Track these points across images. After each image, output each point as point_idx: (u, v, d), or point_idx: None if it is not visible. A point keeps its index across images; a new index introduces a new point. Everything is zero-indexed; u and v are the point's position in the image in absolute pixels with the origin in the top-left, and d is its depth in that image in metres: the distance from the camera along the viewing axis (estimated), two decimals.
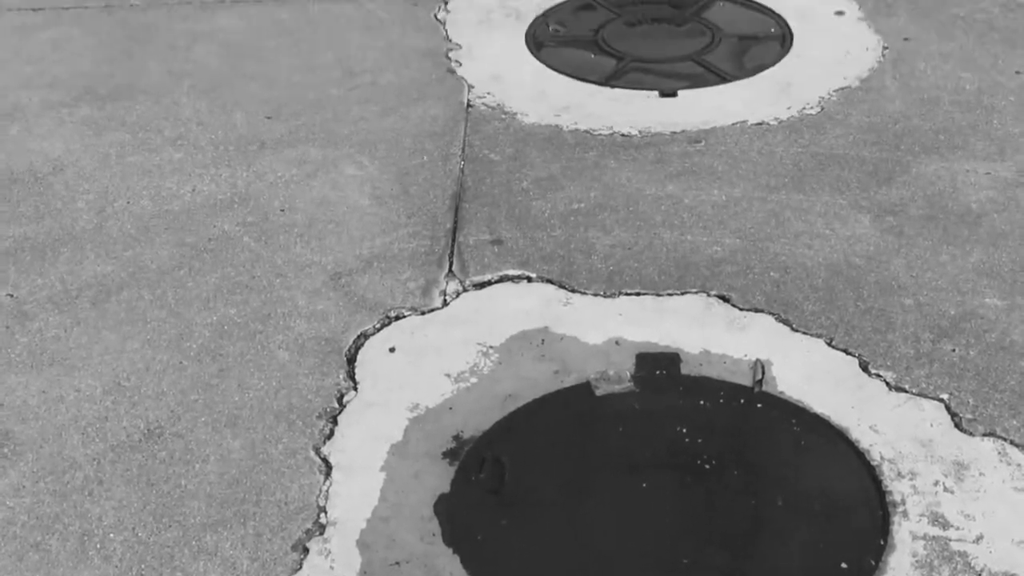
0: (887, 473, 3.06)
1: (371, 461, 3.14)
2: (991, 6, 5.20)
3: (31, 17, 5.41)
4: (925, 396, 3.29)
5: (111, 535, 2.99)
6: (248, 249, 3.93)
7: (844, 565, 2.85)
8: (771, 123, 4.49)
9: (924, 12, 5.17)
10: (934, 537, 2.90)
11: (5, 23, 5.38)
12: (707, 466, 3.09)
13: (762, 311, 3.59)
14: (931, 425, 3.20)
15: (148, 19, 5.35)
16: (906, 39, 4.99)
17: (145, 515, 3.03)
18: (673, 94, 4.67)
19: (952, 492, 3.01)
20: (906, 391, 3.31)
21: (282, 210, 4.11)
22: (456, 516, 2.99)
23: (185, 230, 4.03)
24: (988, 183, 4.13)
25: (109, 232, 4.04)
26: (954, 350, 3.43)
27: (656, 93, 4.69)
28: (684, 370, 3.39)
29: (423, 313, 3.63)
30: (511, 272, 3.79)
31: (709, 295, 3.66)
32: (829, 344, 3.47)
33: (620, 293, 3.68)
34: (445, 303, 3.67)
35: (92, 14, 5.41)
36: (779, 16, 5.17)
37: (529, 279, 3.75)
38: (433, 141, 4.44)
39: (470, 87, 4.76)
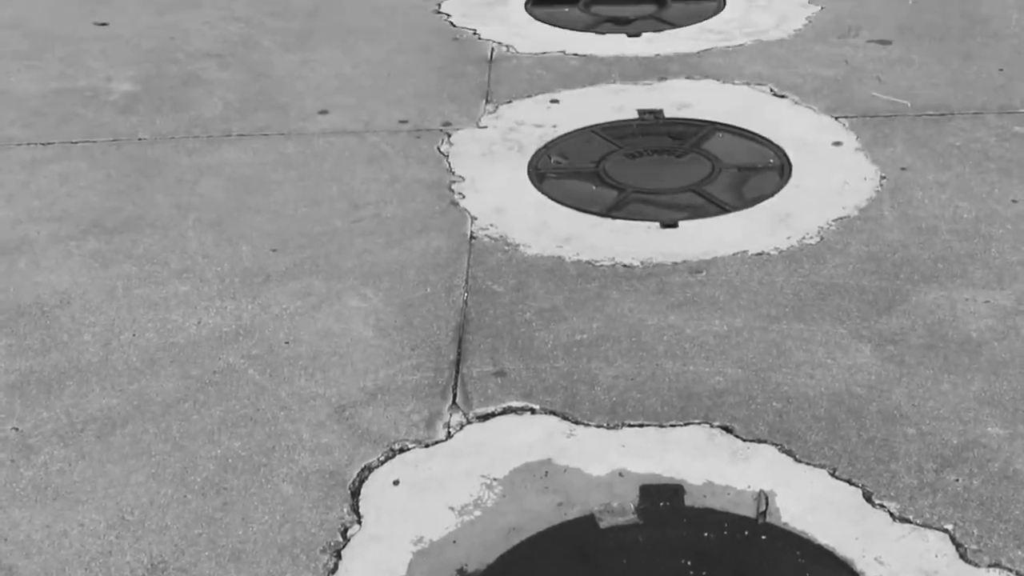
0: None
1: None
2: (986, 136, 5.28)
3: (40, 151, 5.49)
4: (929, 527, 3.29)
5: None
6: (253, 382, 3.95)
7: None
8: (771, 253, 4.53)
9: (921, 142, 5.25)
10: None
11: (14, 157, 5.46)
12: None
13: (765, 442, 3.60)
14: (936, 556, 3.19)
15: (156, 153, 5.43)
16: (903, 169, 5.05)
17: None
18: (674, 225, 4.73)
19: None
20: (910, 522, 3.30)
21: (287, 342, 4.14)
22: None
23: (190, 363, 4.06)
24: (987, 312, 4.16)
25: (114, 365, 4.07)
26: (957, 480, 3.44)
27: (657, 224, 4.74)
28: (688, 502, 3.39)
29: (427, 446, 3.64)
30: (514, 404, 3.81)
31: (712, 426, 3.68)
32: (832, 475, 3.47)
33: (623, 424, 3.70)
34: (449, 435, 3.69)
35: (101, 148, 5.49)
36: (777, 147, 5.24)
37: (532, 411, 3.77)
38: (436, 273, 4.48)
39: (473, 219, 4.82)
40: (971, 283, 4.32)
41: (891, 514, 3.33)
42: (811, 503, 3.37)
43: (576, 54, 6.11)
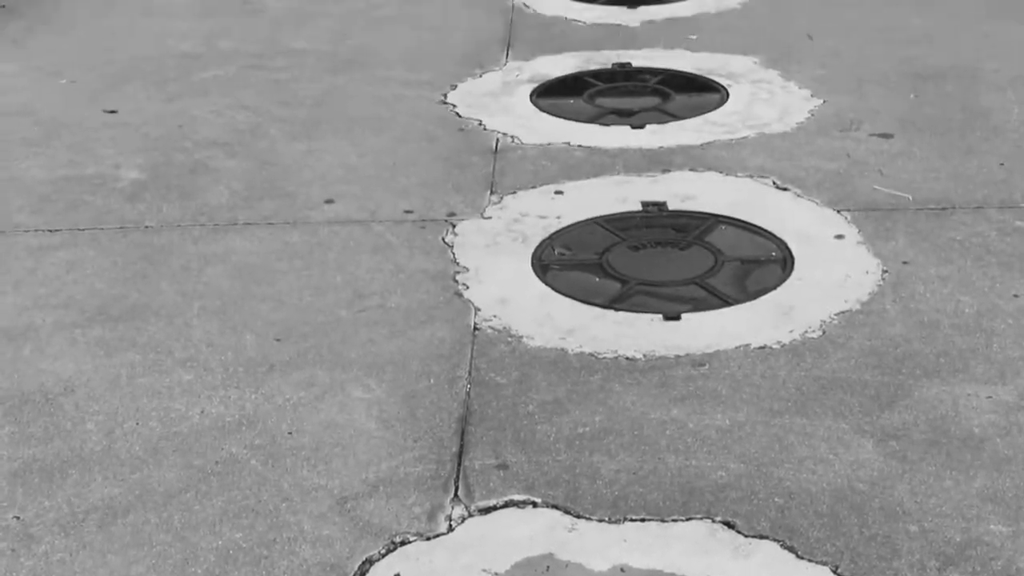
0: None
1: None
2: (988, 230, 5.31)
3: (48, 238, 5.53)
4: None
5: None
6: (255, 472, 3.95)
7: None
8: (774, 347, 4.55)
9: (922, 235, 5.28)
10: None
11: (22, 243, 5.50)
12: None
13: (767, 538, 3.60)
14: None
15: (162, 241, 5.46)
16: (905, 262, 5.08)
17: None
18: (677, 317, 4.75)
19: None
20: None
21: (289, 433, 4.14)
22: None
23: (193, 452, 4.06)
24: (990, 407, 4.17)
25: (117, 454, 4.07)
26: None
27: (660, 316, 4.76)
28: None
29: (428, 539, 3.64)
30: (516, 497, 3.80)
31: (714, 521, 3.67)
32: (835, 572, 3.46)
33: (625, 519, 3.69)
34: (450, 528, 3.68)
35: (108, 235, 5.53)
36: (780, 240, 5.27)
37: (534, 504, 3.77)
38: (440, 364, 4.50)
39: (477, 310, 4.84)
40: (973, 378, 4.33)
41: None
42: None
43: (581, 145, 6.17)
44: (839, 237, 5.29)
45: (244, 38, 7.76)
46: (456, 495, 3.82)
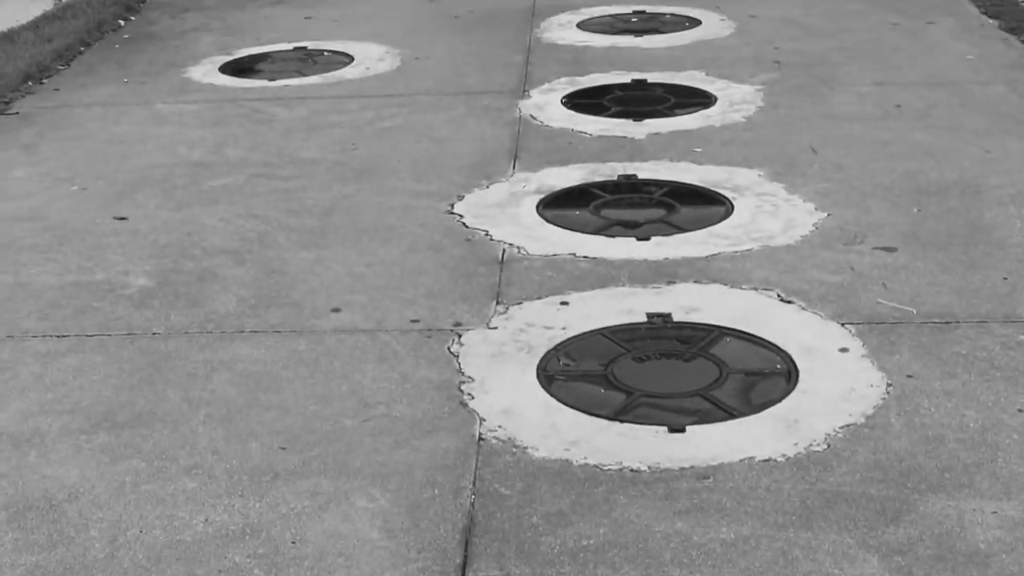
0: None
1: None
2: (991, 344, 5.33)
3: (55, 344, 5.56)
4: None
5: None
6: None
7: None
8: (778, 460, 4.55)
9: (926, 349, 5.29)
10: None
11: (30, 349, 5.52)
12: None
13: None
14: None
15: (169, 347, 5.49)
16: (909, 376, 5.09)
17: None
18: (681, 430, 4.76)
19: None
20: None
21: (293, 542, 4.13)
22: None
23: (196, 561, 4.06)
24: (996, 523, 4.16)
25: (120, 562, 4.06)
26: None
27: (665, 428, 4.77)
28: None
29: None
30: None
31: None
32: None
33: None
34: None
35: (115, 341, 5.56)
36: (784, 352, 5.29)
37: None
38: (444, 474, 4.50)
39: (482, 420, 4.85)
40: (978, 493, 4.32)
41: None
42: None
43: (586, 257, 6.21)
44: (843, 350, 5.31)
45: (253, 147, 7.85)
46: None
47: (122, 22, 10.92)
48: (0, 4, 11.78)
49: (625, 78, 8.93)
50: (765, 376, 5.16)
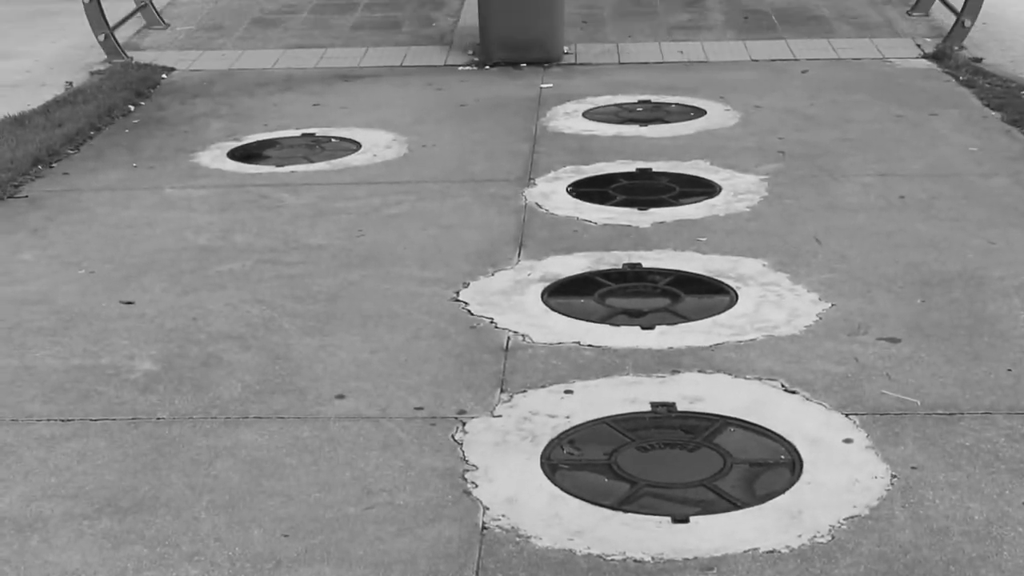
0: None
1: None
2: (996, 436, 5.32)
3: (60, 428, 5.57)
4: None
5: None
6: None
7: None
8: (782, 551, 4.53)
9: (931, 440, 5.29)
10: None
11: (34, 432, 5.53)
12: None
13: None
14: None
15: (173, 433, 5.49)
16: (914, 468, 5.09)
17: None
18: (685, 520, 4.74)
19: None
20: None
21: None
22: None
23: None
24: None
25: None
26: None
27: (669, 519, 4.76)
28: None
29: None
30: None
31: None
32: None
33: None
34: None
35: (120, 426, 5.56)
36: (789, 443, 5.29)
37: None
38: (447, 563, 4.48)
39: (485, 509, 4.84)
40: None
41: None
42: None
43: (591, 345, 6.22)
44: (848, 441, 5.31)
45: (260, 232, 7.90)
46: None
47: (132, 107, 11.01)
48: (13, 88, 11.91)
49: (630, 167, 8.99)
50: (769, 467, 5.15)
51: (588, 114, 10.43)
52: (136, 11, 13.49)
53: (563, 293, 6.90)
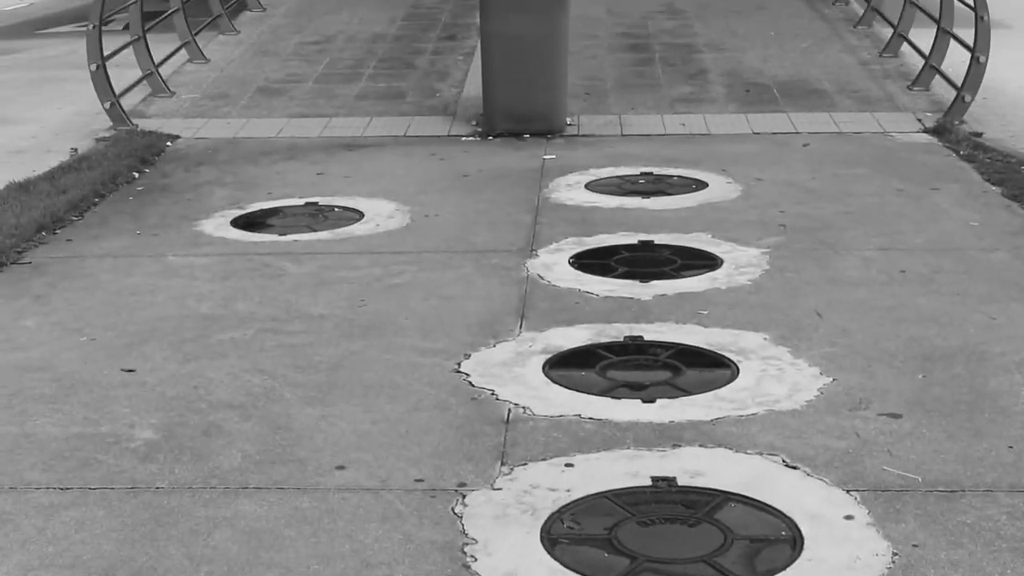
0: None
1: None
2: (997, 514, 5.31)
3: (58, 496, 5.55)
4: None
5: None
6: None
7: None
8: None
9: (932, 518, 5.27)
10: None
11: (32, 501, 5.52)
12: None
13: None
14: None
15: (172, 503, 5.48)
16: (915, 545, 5.07)
17: None
18: None
19: None
20: None
21: None
22: None
23: None
24: None
25: None
26: None
27: None
28: None
29: None
30: None
31: None
32: None
33: None
34: None
35: (118, 495, 5.55)
36: (789, 519, 5.27)
37: None
38: None
39: None
40: None
41: None
42: None
43: (592, 418, 6.22)
44: (848, 518, 5.29)
45: (262, 301, 7.91)
46: None
47: (137, 174, 11.06)
48: (18, 154, 11.98)
49: (632, 239, 9.02)
50: (770, 543, 5.13)
51: (591, 186, 10.47)
52: (142, 79, 13.58)
53: (564, 365, 6.90)
